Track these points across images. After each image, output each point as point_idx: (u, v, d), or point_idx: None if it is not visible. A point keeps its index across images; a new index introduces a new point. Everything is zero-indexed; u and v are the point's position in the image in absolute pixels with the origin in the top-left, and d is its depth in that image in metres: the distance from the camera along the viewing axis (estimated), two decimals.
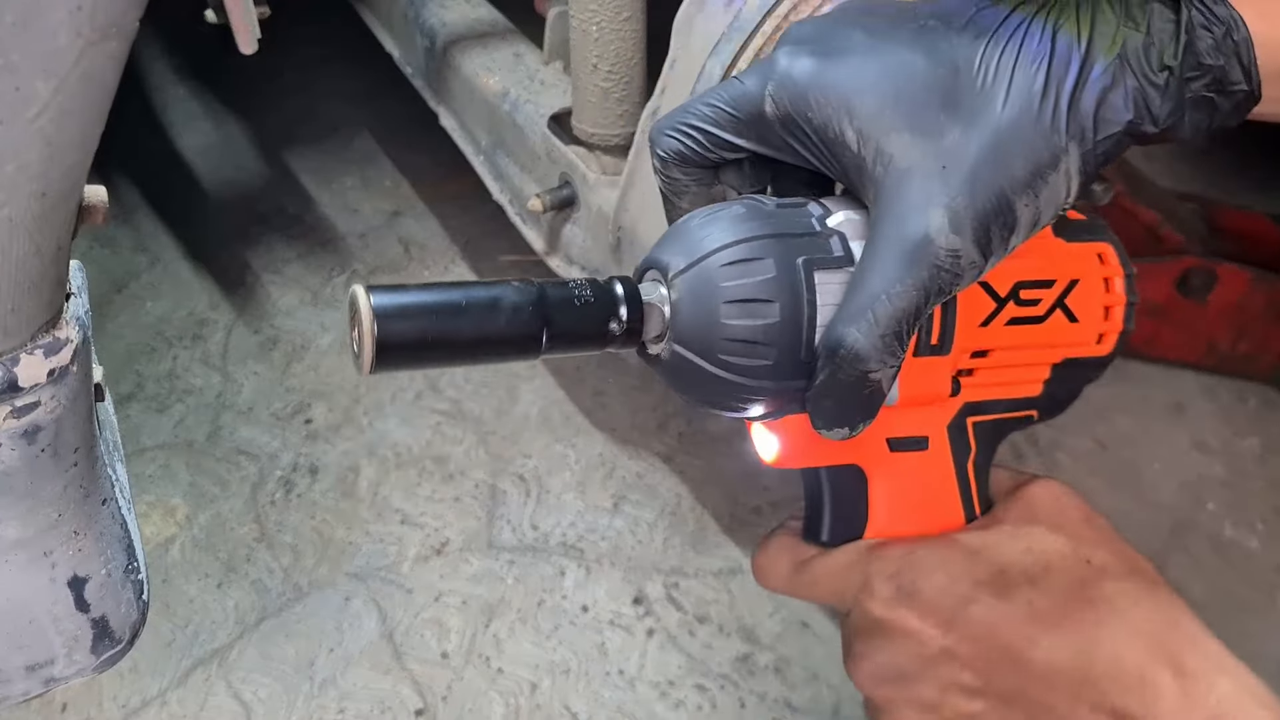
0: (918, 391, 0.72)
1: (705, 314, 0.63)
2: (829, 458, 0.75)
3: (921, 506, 0.77)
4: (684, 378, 0.65)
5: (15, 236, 0.60)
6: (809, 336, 0.63)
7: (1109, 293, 0.79)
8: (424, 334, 0.58)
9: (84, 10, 0.52)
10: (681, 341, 0.64)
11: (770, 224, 0.65)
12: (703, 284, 0.63)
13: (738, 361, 0.63)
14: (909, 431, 0.75)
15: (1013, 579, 0.71)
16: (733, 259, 0.63)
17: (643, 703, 1.62)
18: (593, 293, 0.63)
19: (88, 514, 0.79)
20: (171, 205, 2.50)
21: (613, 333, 0.63)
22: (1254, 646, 1.69)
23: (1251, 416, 2.07)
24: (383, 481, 1.92)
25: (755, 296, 0.62)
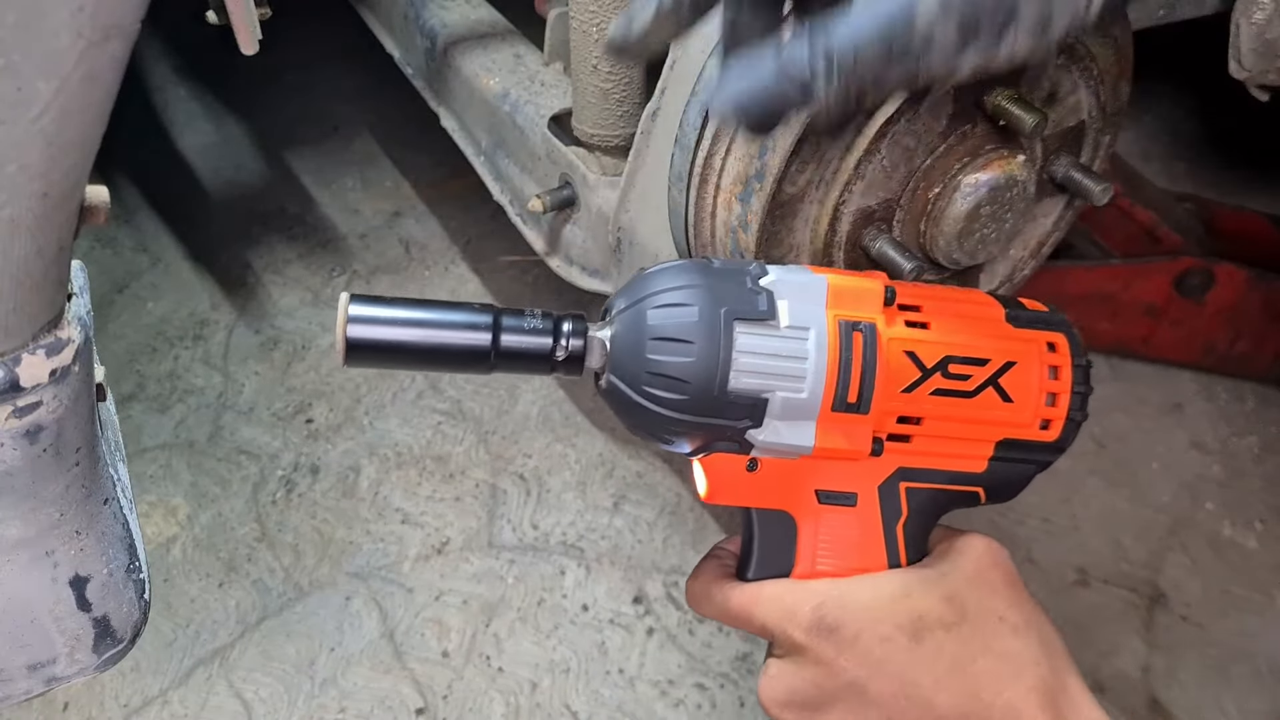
0: (834, 445, 0.75)
1: (634, 348, 0.71)
2: (758, 500, 0.80)
3: (846, 559, 0.80)
4: (620, 406, 0.73)
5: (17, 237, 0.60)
6: (723, 378, 0.70)
7: (1055, 380, 0.81)
8: (386, 339, 0.70)
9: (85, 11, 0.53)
10: (616, 372, 0.73)
11: (705, 277, 0.73)
12: (635, 322, 0.72)
13: (658, 393, 0.71)
14: (837, 486, 0.79)
15: (929, 624, 0.74)
16: (663, 302, 0.71)
17: (643, 701, 1.62)
18: (542, 322, 0.73)
19: (89, 514, 0.79)
20: (173, 205, 2.50)
21: (557, 358, 0.73)
22: (1252, 645, 1.71)
23: (1249, 416, 2.07)
24: (383, 481, 1.93)
25: (676, 336, 0.70)
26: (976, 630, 0.74)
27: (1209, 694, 1.66)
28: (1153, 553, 1.84)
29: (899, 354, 0.75)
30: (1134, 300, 2.02)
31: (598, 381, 0.75)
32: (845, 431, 0.75)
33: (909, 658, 0.73)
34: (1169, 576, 1.81)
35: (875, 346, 0.74)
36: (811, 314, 0.73)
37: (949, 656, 0.73)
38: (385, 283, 2.31)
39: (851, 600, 0.75)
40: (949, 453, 0.80)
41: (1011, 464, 0.82)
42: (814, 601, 0.76)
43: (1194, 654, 1.71)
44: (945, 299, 0.79)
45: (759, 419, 0.73)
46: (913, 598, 0.75)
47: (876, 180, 1.17)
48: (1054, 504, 1.90)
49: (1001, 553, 0.80)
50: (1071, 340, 0.82)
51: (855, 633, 0.74)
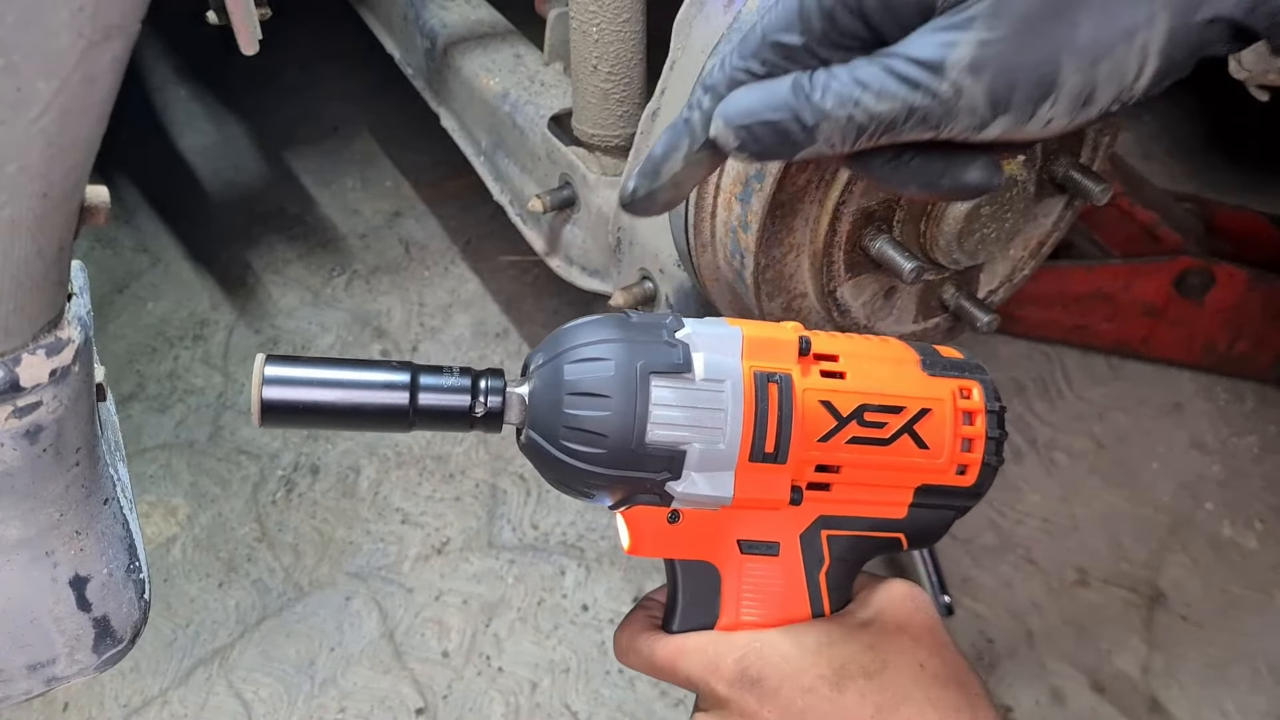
0: (753, 495, 0.75)
1: (552, 403, 0.71)
2: (680, 552, 0.79)
3: (771, 609, 0.80)
4: (539, 461, 0.73)
5: (17, 237, 0.60)
6: (639, 431, 0.70)
7: (970, 426, 0.80)
8: (303, 401, 0.69)
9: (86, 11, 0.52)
10: (534, 428, 0.72)
11: (621, 331, 0.73)
12: (553, 376, 0.72)
13: (577, 448, 0.70)
14: (759, 535, 0.79)
15: (851, 673, 0.74)
16: (580, 357, 0.72)
17: (643, 702, 1.62)
18: (460, 379, 0.73)
19: (89, 514, 0.79)
20: (173, 206, 2.50)
21: (475, 414, 0.73)
22: (1251, 644, 1.71)
23: (1249, 416, 2.07)
24: (383, 481, 1.93)
25: (593, 391, 0.70)
26: (898, 678, 0.74)
27: (1208, 693, 1.66)
28: (1153, 552, 1.84)
29: (814, 404, 0.75)
30: (1134, 300, 2.02)
31: (519, 437, 0.75)
32: (764, 481, 0.75)
33: (832, 707, 0.72)
34: (1169, 576, 1.81)
35: (790, 396, 0.74)
36: (727, 365, 0.73)
37: (871, 705, 0.72)
38: (385, 282, 2.31)
39: (773, 651, 0.75)
40: (869, 500, 0.80)
41: (931, 510, 0.82)
42: (736, 654, 0.75)
43: (1194, 653, 1.71)
44: (861, 348, 0.79)
45: (677, 471, 0.72)
46: (835, 647, 0.75)
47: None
48: (1054, 504, 1.90)
49: (922, 598, 0.80)
50: (985, 386, 0.82)
51: (777, 684, 0.73)
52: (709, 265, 1.25)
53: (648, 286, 1.43)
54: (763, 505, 0.76)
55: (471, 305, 2.26)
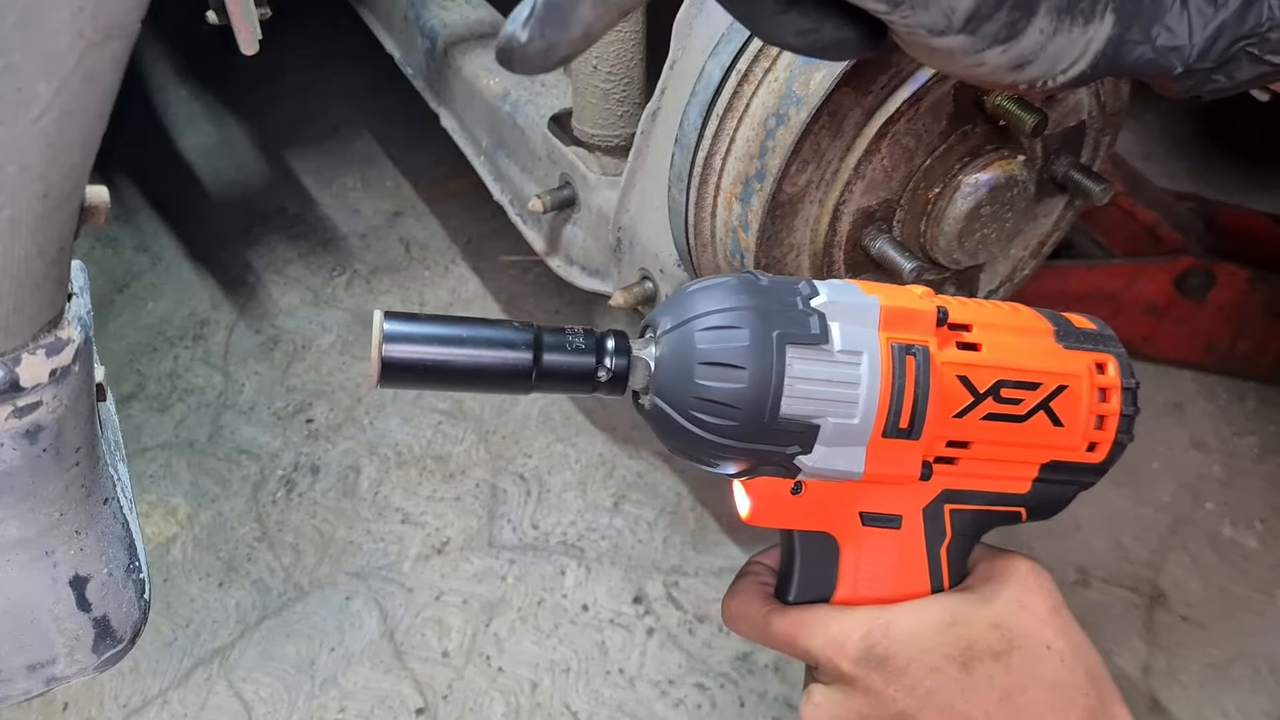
0: (883, 471, 0.73)
1: (682, 371, 0.69)
2: (801, 522, 0.78)
3: (889, 582, 0.78)
4: (663, 428, 0.71)
5: (17, 237, 0.60)
6: (774, 404, 0.68)
7: (1105, 403, 0.79)
8: (425, 360, 0.67)
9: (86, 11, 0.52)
10: (661, 394, 0.70)
11: (755, 298, 0.70)
12: (683, 344, 0.69)
13: (707, 419, 0.68)
14: (882, 508, 0.77)
15: (978, 654, 0.73)
16: (712, 324, 0.69)
17: (643, 701, 1.62)
18: (585, 341, 0.70)
19: (89, 513, 0.79)
20: (173, 205, 2.50)
21: (599, 379, 0.70)
22: (1252, 644, 1.71)
23: (1250, 415, 2.07)
24: (384, 481, 1.93)
25: (727, 361, 0.67)
26: (1025, 659, 0.73)
27: (1209, 694, 1.66)
28: (1153, 552, 1.84)
29: (951, 378, 0.73)
30: (1135, 300, 2.02)
31: (637, 401, 0.73)
32: (895, 457, 0.72)
33: (959, 688, 0.72)
34: (1169, 576, 1.81)
35: (928, 371, 0.71)
36: (864, 337, 0.70)
37: (999, 687, 0.72)
38: (385, 282, 2.31)
39: (899, 629, 0.74)
40: (995, 474, 0.78)
41: (1055, 485, 0.81)
42: (861, 630, 0.74)
43: (1194, 654, 1.71)
44: (993, 317, 0.77)
45: (809, 445, 0.70)
46: (960, 625, 0.74)
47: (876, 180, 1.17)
48: None
49: (1045, 576, 0.79)
50: (1121, 361, 0.80)
51: (904, 663, 0.73)
52: (709, 265, 1.25)
53: (648, 286, 1.43)
54: (892, 481, 0.74)
55: (472, 305, 2.26)
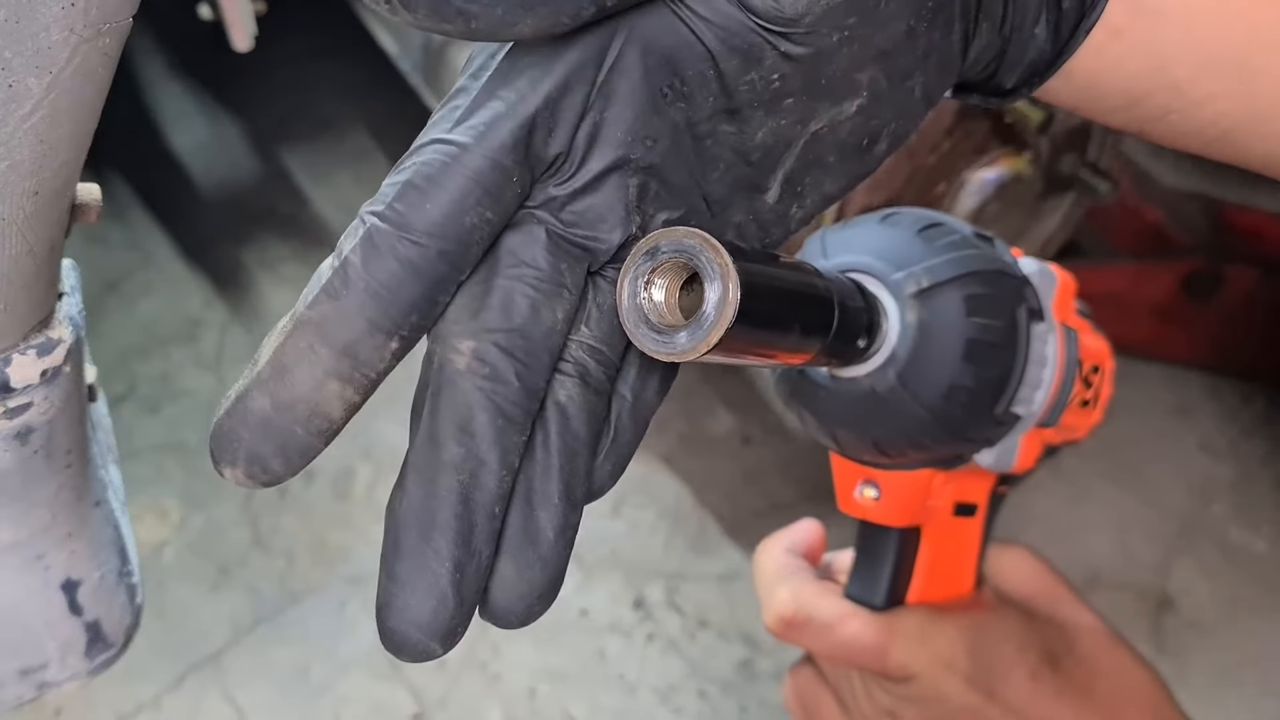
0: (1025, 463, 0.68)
1: (942, 350, 0.55)
2: (917, 517, 0.71)
3: (951, 575, 0.75)
4: (878, 412, 0.57)
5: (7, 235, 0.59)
6: (1013, 393, 0.58)
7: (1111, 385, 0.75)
8: (767, 319, 0.43)
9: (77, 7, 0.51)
10: (905, 377, 0.55)
11: (994, 259, 0.58)
12: (947, 314, 0.55)
13: (953, 411, 0.56)
14: (971, 497, 0.73)
15: (1057, 653, 0.74)
16: (977, 291, 0.56)
17: (643, 708, 1.61)
18: (856, 300, 0.51)
19: (81, 516, 0.79)
20: (165, 203, 2.49)
21: (858, 347, 0.53)
22: (1260, 648, 1.70)
23: (1258, 417, 2.06)
24: (378, 484, 1.91)
25: (994, 341, 0.56)
26: (1085, 650, 0.74)
27: (1217, 699, 1.66)
28: (1161, 556, 1.84)
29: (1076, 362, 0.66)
30: (1142, 300, 2.01)
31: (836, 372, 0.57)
32: (1032, 447, 0.67)
33: (1053, 690, 0.72)
34: (1177, 580, 1.80)
35: (1078, 353, 0.64)
36: (1049, 314, 0.62)
37: (1078, 683, 0.73)
38: None
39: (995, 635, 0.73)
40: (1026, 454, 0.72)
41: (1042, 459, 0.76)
42: (965, 643, 0.71)
43: (1202, 658, 1.70)
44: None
45: (999, 439, 0.62)
46: (1035, 626, 0.74)
47: (880, 177, 1.16)
48: (1061, 506, 1.89)
49: (1043, 560, 0.80)
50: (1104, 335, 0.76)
51: (1005, 672, 0.72)
52: None
53: None
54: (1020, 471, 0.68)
55: None
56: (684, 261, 0.39)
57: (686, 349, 0.39)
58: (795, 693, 0.79)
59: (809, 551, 0.80)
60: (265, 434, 0.42)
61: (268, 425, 0.41)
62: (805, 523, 0.81)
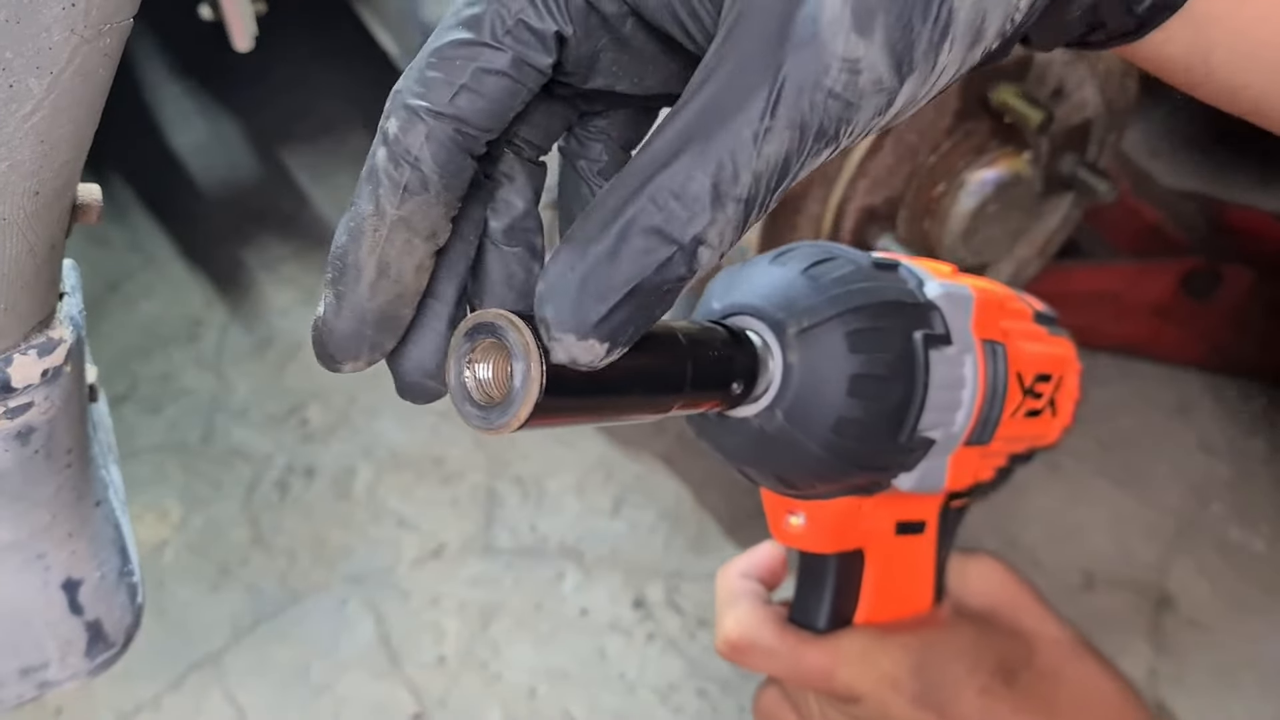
0: (959, 482, 0.66)
1: (826, 387, 0.55)
2: (849, 541, 0.70)
3: (904, 594, 0.74)
4: (772, 450, 0.57)
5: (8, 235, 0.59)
6: (915, 422, 0.58)
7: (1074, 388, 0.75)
8: (586, 387, 0.43)
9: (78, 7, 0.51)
10: (788, 412, 0.55)
11: (883, 290, 0.57)
12: (827, 351, 0.55)
13: (845, 444, 0.55)
14: (915, 515, 0.72)
15: (1014, 665, 0.72)
16: (859, 326, 0.55)
17: (643, 707, 1.61)
18: (722, 348, 0.52)
19: (81, 516, 0.79)
20: (165, 204, 2.49)
21: (733, 393, 0.53)
22: (1259, 648, 1.70)
23: (1257, 416, 2.06)
24: (379, 483, 1.91)
25: (883, 373, 0.55)
26: (1046, 661, 0.73)
27: (1216, 698, 1.66)
28: (1160, 555, 1.84)
29: (1013, 376, 0.65)
30: (1140, 300, 2.01)
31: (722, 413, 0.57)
32: (967, 465, 0.66)
33: (1009, 707, 0.70)
34: (1176, 579, 1.80)
35: (1007, 369, 0.63)
36: (966, 334, 0.61)
37: (1037, 696, 0.71)
38: None
39: (943, 653, 0.71)
40: (984, 465, 0.72)
41: (1011, 469, 0.76)
42: (909, 662, 0.70)
43: (1201, 658, 1.70)
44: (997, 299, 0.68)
45: (916, 463, 0.61)
46: (989, 640, 0.73)
47: (880, 178, 1.17)
48: (1060, 506, 1.89)
49: (1011, 570, 0.77)
50: (1073, 343, 0.77)
51: (955, 690, 0.70)
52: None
53: None
54: (957, 488, 0.67)
55: None
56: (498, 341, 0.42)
57: (501, 424, 0.41)
58: (761, 712, 0.79)
59: (767, 575, 0.78)
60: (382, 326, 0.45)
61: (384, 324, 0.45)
62: (765, 546, 0.79)
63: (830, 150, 0.40)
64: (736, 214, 0.39)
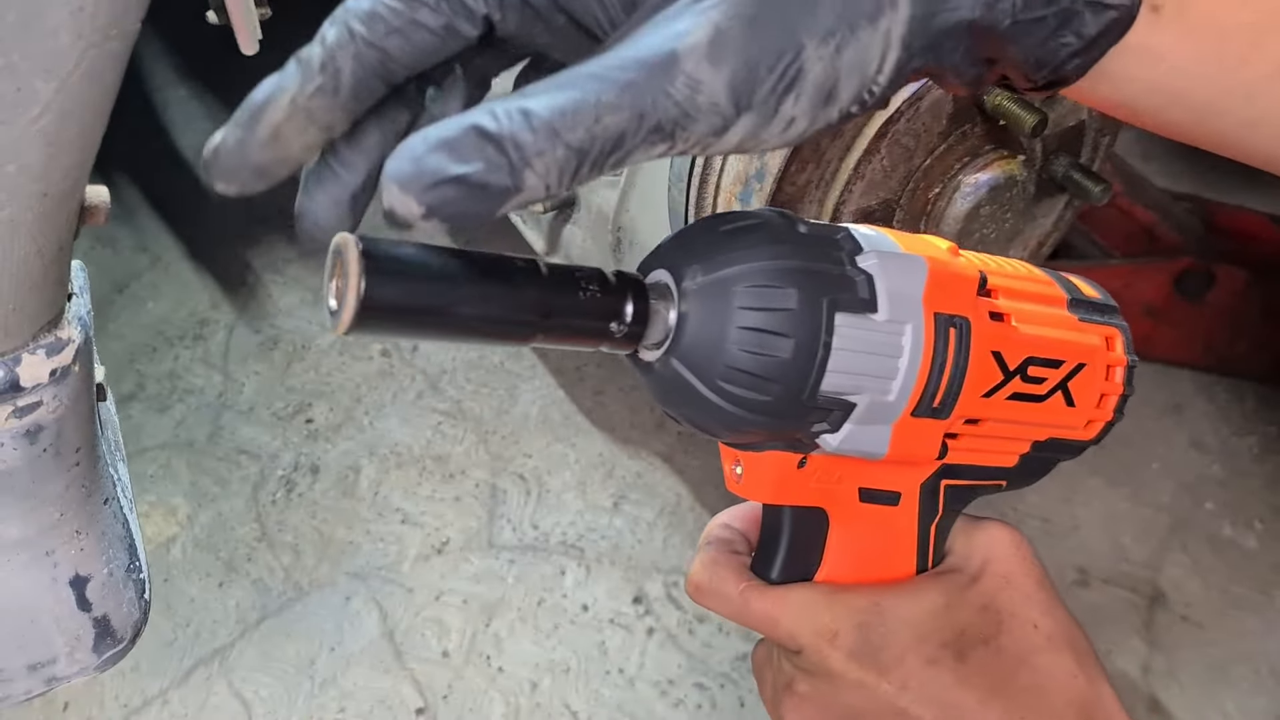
0: (906, 451, 0.67)
1: (714, 335, 0.58)
2: (798, 498, 0.71)
3: (876, 560, 0.74)
4: (675, 394, 0.61)
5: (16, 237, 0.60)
6: (816, 381, 0.59)
7: (1108, 380, 0.73)
8: (415, 300, 0.51)
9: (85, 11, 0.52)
10: (681, 357, 0.59)
11: (800, 251, 0.60)
12: (718, 303, 0.59)
13: (736, 392, 0.59)
14: (883, 485, 0.72)
15: (972, 640, 0.70)
16: (756, 282, 0.58)
17: (643, 701, 1.62)
18: (600, 287, 0.57)
19: (89, 513, 0.79)
20: (173, 205, 2.50)
21: (612, 333, 0.58)
22: (1252, 644, 1.71)
23: (1249, 416, 2.07)
24: (383, 481, 1.93)
25: (771, 329, 0.58)
26: (1013, 642, 0.70)
27: (1209, 694, 1.66)
28: (1153, 552, 1.84)
29: (986, 354, 0.66)
30: (1134, 300, 2.01)
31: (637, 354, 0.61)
32: (920, 436, 0.67)
33: (955, 679, 0.68)
34: (1169, 576, 1.81)
35: (968, 346, 0.64)
36: (909, 304, 0.62)
37: (993, 674, 0.69)
38: None
39: (894, 616, 0.70)
40: (993, 450, 0.73)
41: (1041, 458, 0.75)
42: (854, 619, 0.70)
43: (1194, 654, 1.71)
44: (1016, 282, 0.70)
45: (839, 424, 0.63)
46: (952, 609, 0.70)
47: (876, 180, 1.17)
48: (1054, 504, 1.90)
49: (1026, 546, 0.75)
50: (1125, 335, 0.74)
51: (900, 654, 0.69)
52: None
53: None
54: (912, 461, 0.69)
55: None
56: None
57: (336, 326, 0.50)
58: (754, 664, 0.79)
59: (751, 526, 0.79)
60: (258, 174, 0.54)
61: (261, 172, 0.54)
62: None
63: (666, 145, 0.48)
64: (565, 157, 0.46)
